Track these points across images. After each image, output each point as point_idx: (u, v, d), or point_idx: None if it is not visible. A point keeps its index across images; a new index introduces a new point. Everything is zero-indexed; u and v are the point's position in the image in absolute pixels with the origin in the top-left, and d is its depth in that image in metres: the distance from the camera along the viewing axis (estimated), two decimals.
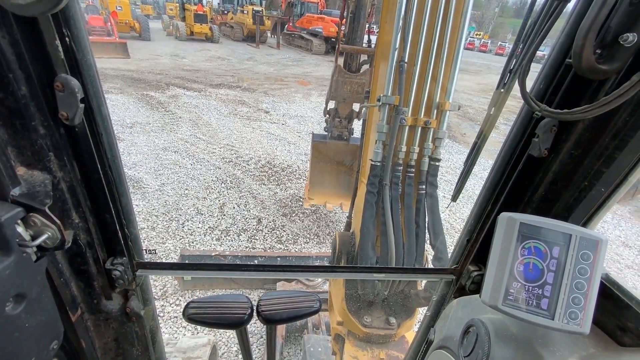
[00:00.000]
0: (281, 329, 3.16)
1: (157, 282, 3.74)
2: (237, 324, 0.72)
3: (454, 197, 1.10)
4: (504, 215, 0.73)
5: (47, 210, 0.70)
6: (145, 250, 1.05)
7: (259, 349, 3.16)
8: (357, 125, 4.68)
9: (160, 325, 3.41)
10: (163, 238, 4.46)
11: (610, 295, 0.75)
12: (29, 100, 0.65)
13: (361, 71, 4.16)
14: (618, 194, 0.75)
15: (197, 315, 0.72)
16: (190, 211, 5.04)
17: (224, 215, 5.07)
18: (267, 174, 6.38)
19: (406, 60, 1.52)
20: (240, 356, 3.01)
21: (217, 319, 0.72)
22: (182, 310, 0.75)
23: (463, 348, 0.83)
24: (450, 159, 8.27)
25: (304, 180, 6.21)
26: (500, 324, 0.78)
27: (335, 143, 4.67)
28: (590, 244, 0.67)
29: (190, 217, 4.92)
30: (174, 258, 4.08)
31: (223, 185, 5.83)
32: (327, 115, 4.64)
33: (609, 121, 0.76)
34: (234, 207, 5.27)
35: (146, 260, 1.02)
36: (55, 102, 0.67)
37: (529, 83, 0.80)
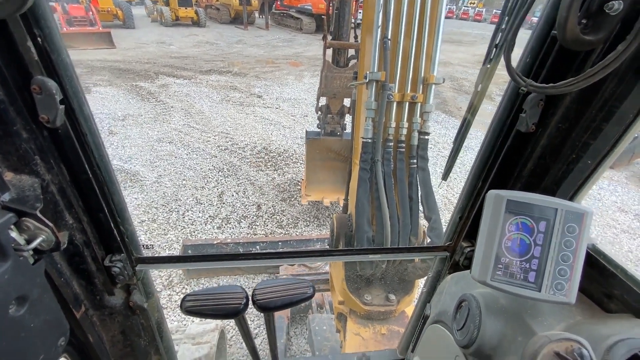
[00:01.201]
0: (286, 311, 3.25)
1: (162, 273, 3.80)
2: (234, 313, 0.75)
3: (444, 176, 1.11)
4: (492, 192, 0.74)
5: (39, 214, 0.71)
6: (143, 245, 1.07)
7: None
8: (348, 120, 4.66)
9: (169, 313, 3.50)
10: (165, 229, 4.50)
11: (596, 265, 0.77)
12: (8, 105, 0.64)
13: (349, 65, 4.12)
14: (605, 165, 0.76)
15: (194, 308, 0.75)
16: (190, 201, 5.06)
17: (224, 203, 5.09)
18: (263, 159, 6.36)
19: (389, 37, 1.50)
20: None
21: (214, 310, 0.74)
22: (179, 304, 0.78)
23: (456, 322, 0.86)
24: (447, 134, 8.23)
25: (301, 164, 6.20)
26: (491, 297, 0.81)
27: (329, 139, 4.68)
28: (575, 217, 0.68)
29: (189, 207, 4.94)
30: (177, 249, 4.13)
31: (220, 173, 5.83)
32: (320, 112, 4.63)
33: (596, 92, 0.76)
34: (232, 195, 5.29)
35: (145, 255, 1.04)
36: (35, 105, 0.66)
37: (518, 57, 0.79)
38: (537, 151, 0.88)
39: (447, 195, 5.84)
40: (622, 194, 6.38)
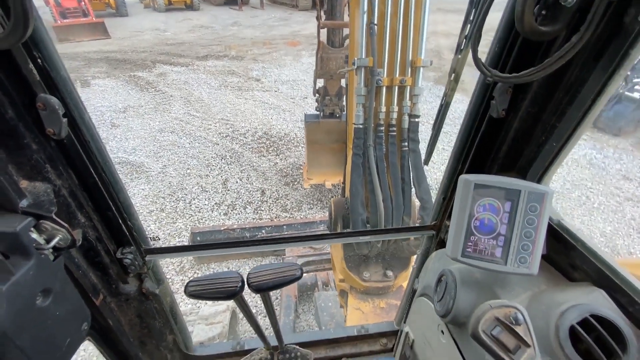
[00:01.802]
0: (294, 290, 3.39)
1: (175, 260, 3.97)
2: (232, 294, 0.84)
3: (426, 161, 1.16)
4: (462, 177, 0.80)
5: (54, 216, 0.79)
6: (150, 238, 1.16)
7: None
8: None
9: (183, 297, 3.68)
10: (173, 218, 4.65)
11: (561, 239, 0.84)
12: (17, 121, 0.71)
13: (345, 45, 4.05)
14: (569, 146, 0.81)
15: (196, 292, 0.84)
16: (195, 190, 5.18)
17: (228, 190, 5.20)
18: (265, 145, 6.41)
19: (376, 22, 1.52)
20: (266, 318, 3.29)
21: (213, 293, 0.83)
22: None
23: (437, 294, 0.94)
24: (450, 108, 8.13)
25: (302, 147, 6.24)
26: (466, 271, 0.89)
27: (328, 121, 4.68)
28: (537, 197, 0.74)
29: (195, 195, 5.07)
30: (186, 236, 4.28)
31: (223, 161, 5.91)
32: (317, 95, 4.59)
33: (561, 78, 0.80)
34: (236, 182, 5.39)
35: (153, 247, 1.13)
36: (41, 120, 0.73)
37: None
38: (511, 134, 0.93)
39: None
40: (627, 161, 6.34)
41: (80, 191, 0.89)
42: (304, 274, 3.68)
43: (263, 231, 3.99)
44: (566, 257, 0.84)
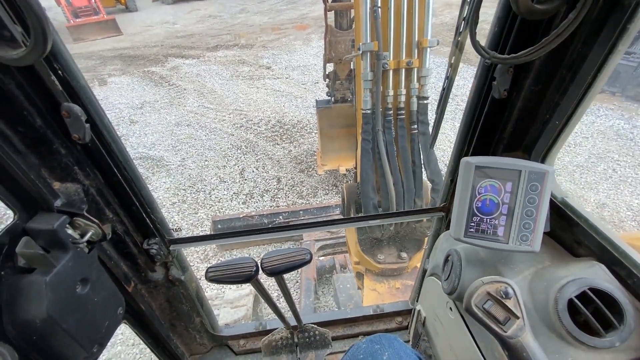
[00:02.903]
0: (312, 273, 3.47)
1: (199, 249, 4.15)
2: (247, 279, 0.91)
3: (431, 144, 1.17)
4: (463, 160, 0.82)
5: (86, 214, 0.87)
6: (173, 229, 1.25)
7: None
8: None
9: (208, 282, 3.88)
10: (195, 209, 4.83)
11: (565, 216, 0.85)
12: (45, 129, 0.79)
13: (353, 27, 3.95)
14: (572, 124, 0.81)
15: (215, 277, 0.91)
16: (214, 180, 5.33)
17: (245, 179, 5.33)
18: (278, 133, 6.46)
19: (379, 5, 1.50)
20: (282, 300, 3.43)
21: (231, 277, 0.91)
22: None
23: (444, 273, 0.98)
24: (466, 85, 7.88)
25: (315, 133, 6.25)
26: (471, 251, 0.92)
27: (340, 106, 4.62)
28: (538, 176, 0.76)
29: (214, 186, 5.22)
30: (207, 225, 4.45)
31: (239, 151, 6.02)
32: (328, 80, 4.53)
33: (564, 54, 0.79)
34: (253, 171, 5.50)
35: (176, 237, 1.22)
36: (67, 126, 0.80)
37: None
38: (515, 114, 0.93)
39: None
40: None
41: (107, 189, 0.97)
42: (322, 257, 3.77)
43: (280, 217, 4.08)
44: (570, 233, 0.85)
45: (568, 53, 0.79)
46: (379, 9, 1.52)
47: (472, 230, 0.81)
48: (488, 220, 0.80)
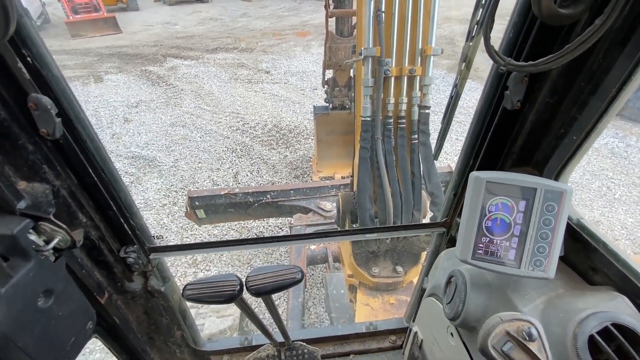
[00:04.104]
0: (303, 265, 3.15)
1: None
2: (230, 299, 0.82)
3: (435, 155, 1.11)
4: (472, 174, 0.75)
5: (53, 218, 0.78)
6: (154, 236, 1.15)
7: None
8: None
9: (191, 255, 3.71)
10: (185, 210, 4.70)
11: (580, 239, 0.79)
12: (10, 122, 0.70)
13: (354, 35, 3.93)
14: (591, 140, 0.75)
15: (194, 295, 0.83)
16: (207, 183, 5.22)
17: (239, 183, 5.23)
18: (275, 137, 6.39)
19: (383, 9, 1.45)
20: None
21: (211, 297, 0.82)
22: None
23: (446, 296, 0.90)
24: (463, 97, 7.88)
25: (312, 140, 6.19)
26: (477, 273, 0.84)
27: (338, 113, 4.59)
28: (554, 196, 0.69)
29: (207, 188, 5.11)
30: (198, 229, 4.33)
31: (234, 154, 5.93)
32: (326, 86, 4.50)
33: (582, 65, 0.74)
34: (247, 175, 5.40)
35: (157, 245, 1.13)
36: (34, 120, 0.71)
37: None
38: (526, 127, 0.87)
39: None
40: None
41: (80, 191, 0.88)
42: (313, 246, 3.54)
43: (268, 196, 3.70)
44: (586, 258, 0.78)
45: (588, 64, 0.73)
46: (383, 14, 1.47)
47: (480, 251, 0.74)
48: (498, 241, 0.73)
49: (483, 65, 10.17)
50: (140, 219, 1.07)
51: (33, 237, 0.76)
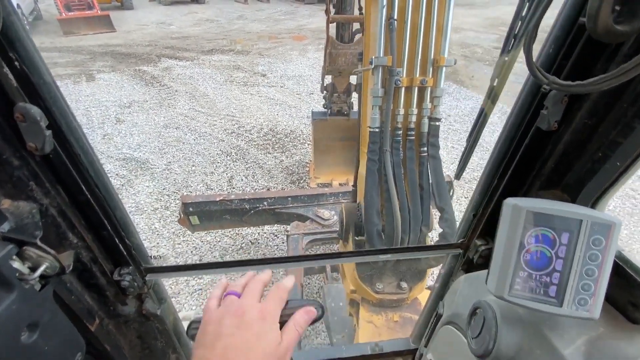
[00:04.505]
0: (299, 276, 3.09)
1: (179, 260, 3.91)
2: None
3: (457, 175, 1.05)
4: (510, 201, 0.69)
5: (39, 243, 0.70)
6: (151, 256, 1.06)
7: None
8: (355, 98, 4.48)
9: (187, 298, 3.62)
10: (178, 216, 4.57)
11: (622, 273, 0.73)
12: None
13: (355, 41, 3.89)
14: (634, 168, 0.69)
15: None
16: (200, 187, 5.11)
17: (234, 188, 5.12)
18: (271, 141, 6.30)
19: (396, 17, 1.39)
20: None
21: None
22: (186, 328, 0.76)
23: (471, 329, 0.84)
24: (458, 106, 7.96)
25: (308, 144, 6.13)
26: (508, 306, 0.78)
27: (336, 119, 4.52)
28: (602, 229, 0.63)
29: (200, 193, 4.99)
30: (190, 235, 4.21)
31: (228, 158, 5.82)
32: (325, 92, 4.45)
33: (627, 85, 0.68)
34: (242, 180, 5.30)
35: (154, 265, 1.04)
36: (21, 133, 0.63)
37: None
38: (559, 148, 0.81)
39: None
40: None
41: (71, 210, 0.79)
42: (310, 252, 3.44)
43: (265, 203, 3.60)
44: (629, 295, 0.72)
45: (633, 83, 0.67)
46: (395, 21, 1.41)
47: (517, 287, 0.68)
48: (538, 276, 0.67)
49: (478, 74, 10.26)
50: (137, 238, 0.99)
51: (17, 264, 0.67)
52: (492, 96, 0.81)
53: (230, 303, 0.68)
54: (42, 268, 0.70)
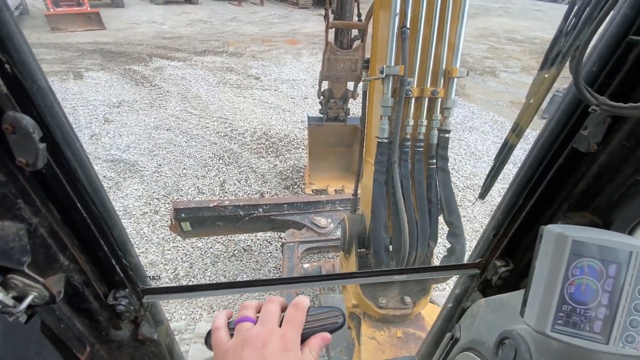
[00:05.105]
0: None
1: (168, 266, 3.77)
2: None
3: (482, 195, 1.00)
4: (552, 229, 0.64)
5: (27, 270, 0.61)
6: (149, 277, 0.98)
7: None
8: (352, 105, 4.46)
9: (177, 307, 3.49)
10: (168, 221, 4.43)
11: None
12: None
13: (353, 47, 3.86)
14: None
15: None
16: (192, 191, 4.97)
17: (226, 192, 5.01)
18: (264, 145, 6.21)
19: (408, 26, 1.35)
20: None
21: None
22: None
23: None
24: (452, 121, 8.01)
25: (302, 149, 6.06)
26: (542, 339, 0.72)
27: (332, 125, 4.47)
28: None
29: (192, 197, 4.86)
30: (179, 240, 4.07)
31: (221, 161, 5.70)
32: (322, 97, 4.41)
33: None
34: (234, 184, 5.19)
35: (152, 286, 0.95)
36: (9, 146, 0.54)
37: None
38: (593, 169, 0.77)
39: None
40: None
41: (63, 229, 0.71)
42: (307, 265, 3.35)
43: (260, 210, 3.49)
44: None
45: None
46: (408, 30, 1.37)
47: (560, 322, 0.63)
48: (582, 311, 0.62)
49: (469, 82, 10.41)
50: (135, 257, 0.90)
51: (0, 294, 0.58)
52: (527, 114, 0.76)
53: (247, 332, 0.61)
54: (29, 299, 0.62)
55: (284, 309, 0.67)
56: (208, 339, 0.69)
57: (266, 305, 0.66)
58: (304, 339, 0.68)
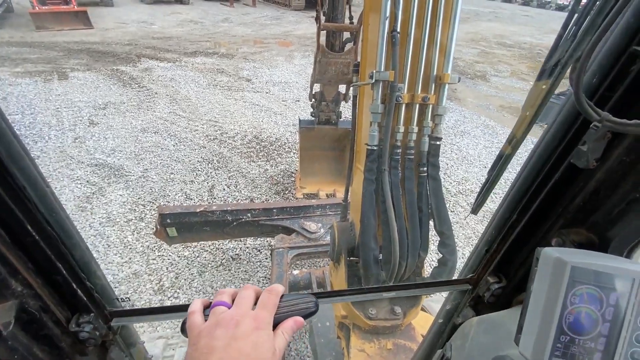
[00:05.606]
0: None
1: (153, 277, 3.65)
2: None
3: (475, 210, 0.96)
4: (550, 254, 0.59)
5: None
6: (118, 298, 0.90)
7: None
8: (344, 108, 4.42)
9: (161, 320, 3.37)
10: (153, 228, 4.31)
11: None
12: None
13: (345, 50, 3.83)
14: None
15: None
16: (179, 197, 4.86)
17: (215, 198, 4.91)
18: (255, 149, 6.13)
19: (399, 30, 1.30)
20: None
21: None
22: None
23: None
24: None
25: (294, 153, 6.00)
26: None
27: (324, 128, 4.44)
28: None
29: (179, 203, 4.74)
30: (167, 249, 3.96)
31: (210, 165, 5.60)
32: (313, 100, 4.36)
33: None
34: (224, 189, 5.09)
35: (120, 309, 0.88)
36: None
37: None
38: (591, 185, 0.73)
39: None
40: None
41: (14, 253, 0.64)
42: (296, 271, 3.29)
43: (249, 214, 3.40)
44: None
45: None
46: (398, 35, 1.32)
47: (557, 353, 0.58)
48: (581, 341, 0.57)
49: (461, 86, 10.50)
50: (101, 278, 0.83)
51: None
52: (521, 127, 0.72)
53: (221, 313, 0.63)
54: None
55: (259, 297, 0.69)
56: (184, 326, 0.69)
57: (241, 291, 0.69)
58: (277, 323, 0.68)
